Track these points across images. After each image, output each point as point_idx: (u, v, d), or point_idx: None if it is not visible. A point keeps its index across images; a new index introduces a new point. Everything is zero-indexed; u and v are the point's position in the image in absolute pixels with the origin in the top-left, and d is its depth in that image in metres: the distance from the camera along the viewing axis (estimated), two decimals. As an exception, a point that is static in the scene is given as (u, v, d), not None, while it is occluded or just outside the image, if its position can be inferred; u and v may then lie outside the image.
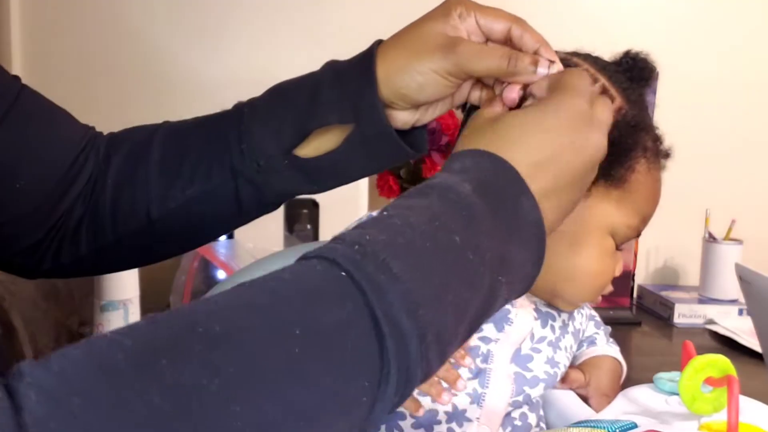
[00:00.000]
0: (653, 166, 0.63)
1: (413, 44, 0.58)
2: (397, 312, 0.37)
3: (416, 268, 0.39)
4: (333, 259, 0.38)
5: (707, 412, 0.53)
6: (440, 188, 0.44)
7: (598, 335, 0.78)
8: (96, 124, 0.77)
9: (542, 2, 1.67)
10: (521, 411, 0.66)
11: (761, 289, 0.89)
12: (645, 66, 0.65)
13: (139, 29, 1.63)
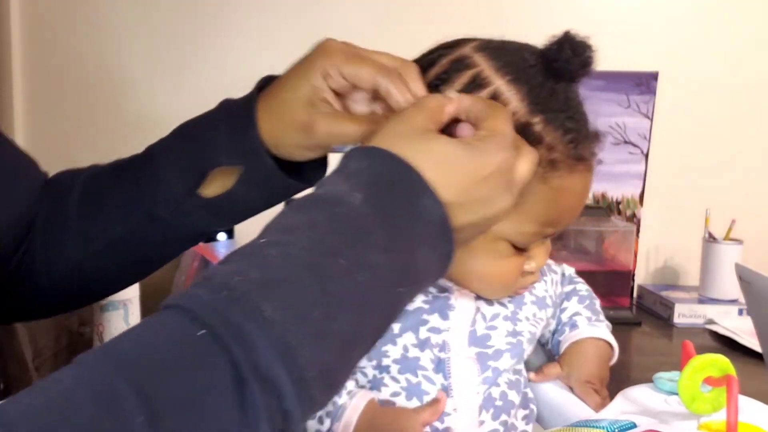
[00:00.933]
0: (550, 174, 0.58)
1: (279, 114, 0.58)
2: (269, 362, 0.36)
3: (293, 306, 0.38)
4: (193, 312, 0.36)
5: (707, 411, 0.53)
6: (328, 202, 0.43)
7: (579, 316, 0.75)
8: (94, 119, 0.77)
9: (542, 3, 1.67)
10: (500, 390, 0.66)
11: (761, 289, 0.89)
12: (572, 58, 0.57)
13: (139, 28, 1.63)
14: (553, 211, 0.60)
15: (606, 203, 1.71)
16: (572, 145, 0.58)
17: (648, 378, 0.61)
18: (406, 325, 0.64)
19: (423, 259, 0.44)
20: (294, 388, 0.36)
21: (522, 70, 0.58)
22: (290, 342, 0.36)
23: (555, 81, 0.58)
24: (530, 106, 0.57)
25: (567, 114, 0.58)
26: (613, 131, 1.70)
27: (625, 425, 0.50)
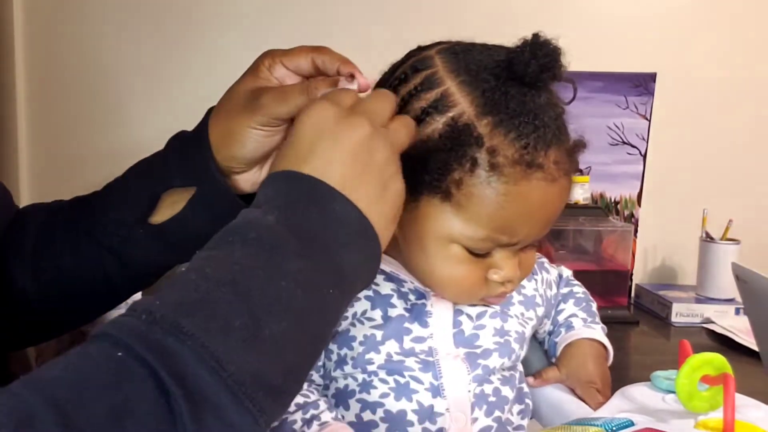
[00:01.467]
0: (494, 178, 0.56)
1: (227, 107, 0.62)
2: (193, 370, 0.36)
3: (214, 319, 0.38)
4: (114, 337, 0.37)
5: (704, 410, 0.54)
6: (241, 229, 0.44)
7: (575, 318, 0.75)
8: (94, 119, 0.77)
9: (542, 3, 1.68)
10: (493, 386, 0.66)
11: (758, 288, 0.89)
12: (530, 62, 0.56)
13: (139, 29, 1.63)
14: (503, 217, 0.57)
15: (604, 203, 1.72)
16: (525, 150, 0.55)
17: (646, 377, 0.62)
18: (387, 333, 0.64)
19: (349, 260, 0.46)
20: (233, 399, 0.37)
21: (478, 72, 0.57)
22: (215, 351, 0.37)
23: (516, 85, 0.56)
24: (479, 108, 0.56)
25: (522, 119, 0.56)
26: (611, 132, 1.70)
27: (623, 423, 0.51)
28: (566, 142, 0.59)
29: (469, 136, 0.55)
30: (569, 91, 0.62)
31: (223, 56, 1.64)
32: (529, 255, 0.63)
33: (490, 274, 0.61)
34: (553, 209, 0.59)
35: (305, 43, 0.63)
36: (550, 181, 0.57)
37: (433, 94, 0.57)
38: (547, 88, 0.58)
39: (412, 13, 1.62)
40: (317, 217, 0.46)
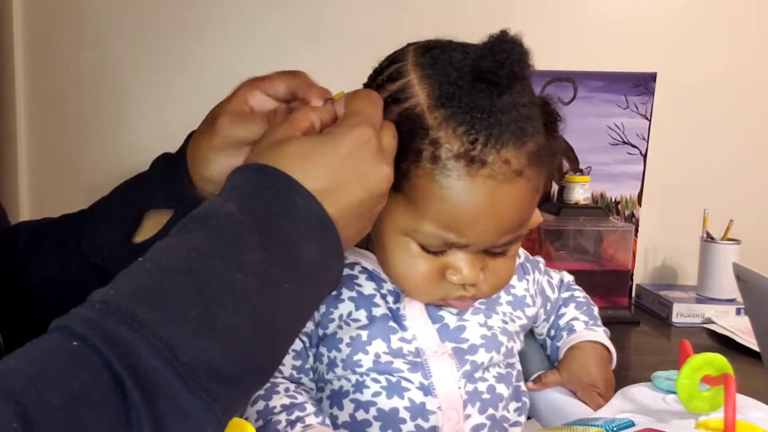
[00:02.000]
0: (438, 172, 0.55)
1: (198, 131, 0.65)
2: (146, 360, 0.36)
3: (169, 308, 0.39)
4: (69, 328, 0.37)
5: (704, 410, 0.54)
6: (202, 218, 0.45)
7: (576, 321, 0.75)
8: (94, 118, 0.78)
9: (542, 3, 1.68)
10: (488, 384, 0.66)
11: (759, 289, 0.89)
12: (484, 58, 0.55)
13: (139, 28, 1.63)
14: (447, 213, 0.56)
15: (605, 203, 1.72)
16: (471, 146, 0.54)
17: (646, 377, 0.62)
18: (373, 333, 0.64)
19: (309, 254, 0.46)
20: (186, 387, 0.37)
21: (441, 66, 0.57)
22: (168, 340, 0.37)
23: (477, 82, 0.55)
24: (433, 101, 0.55)
25: (475, 114, 0.54)
26: (611, 132, 1.70)
27: (624, 424, 0.51)
28: (528, 144, 0.56)
29: (418, 126, 0.55)
30: (569, 90, 0.61)
31: (225, 58, 1.64)
32: (500, 263, 0.61)
33: (448, 274, 0.60)
34: (508, 213, 0.57)
35: (302, 42, 0.63)
36: (500, 181, 0.55)
37: (396, 85, 0.58)
38: (512, 88, 0.56)
39: (411, 12, 1.62)
40: (279, 209, 0.46)
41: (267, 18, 1.64)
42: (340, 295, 0.66)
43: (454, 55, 0.58)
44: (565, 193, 1.65)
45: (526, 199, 0.57)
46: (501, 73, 0.54)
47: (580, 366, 0.71)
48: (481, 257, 0.60)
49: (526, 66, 0.56)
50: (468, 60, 0.56)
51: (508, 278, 0.65)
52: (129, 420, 0.35)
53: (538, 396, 0.72)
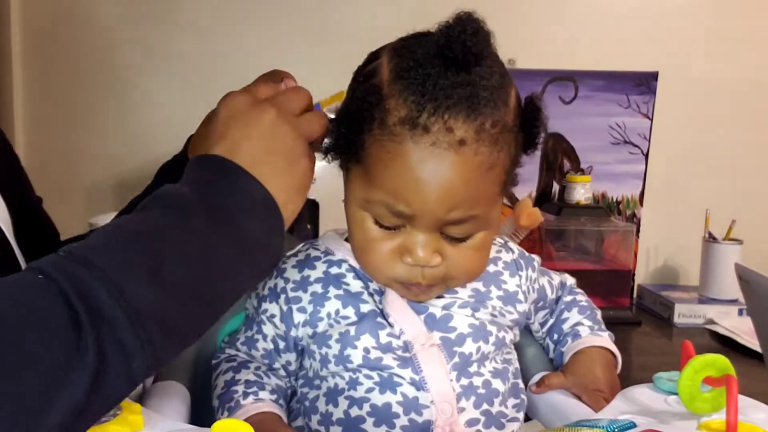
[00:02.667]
0: (386, 137, 0.57)
1: (197, 138, 0.71)
2: (96, 293, 0.43)
3: (122, 260, 0.46)
4: (38, 268, 0.44)
5: (706, 411, 0.54)
6: (159, 198, 0.52)
7: (581, 326, 0.74)
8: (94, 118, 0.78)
9: (542, 3, 1.68)
10: (483, 379, 0.65)
11: (761, 289, 0.89)
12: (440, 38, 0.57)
13: (138, 28, 1.63)
14: (392, 179, 0.57)
15: (606, 203, 1.71)
16: (416, 113, 0.56)
17: (648, 378, 0.62)
18: (361, 329, 0.64)
19: (251, 228, 0.53)
20: (127, 321, 0.43)
21: (409, 47, 0.59)
22: (119, 282, 0.44)
23: (437, 59, 0.57)
24: (393, 74, 0.58)
25: (427, 86, 0.56)
26: (612, 131, 1.70)
27: (625, 425, 0.50)
28: (479, 119, 0.57)
29: (376, 97, 0.58)
30: (571, 89, 0.62)
31: (224, 58, 1.64)
32: (461, 251, 0.61)
33: (402, 255, 0.61)
34: (452, 184, 0.57)
35: (304, 42, 0.63)
36: (442, 149, 0.56)
37: (370, 66, 0.61)
38: (470, 66, 0.57)
39: (412, 12, 1.62)
40: (224, 190, 0.53)
41: (268, 17, 1.64)
42: (327, 293, 0.67)
43: (427, 38, 0.59)
44: (566, 193, 1.64)
45: (473, 173, 0.57)
46: (456, 48, 0.56)
47: (586, 371, 0.70)
48: (438, 240, 0.60)
49: (484, 45, 0.57)
50: (436, 40, 0.58)
51: (474, 270, 0.64)
52: (78, 341, 0.41)
53: (539, 397, 0.71)
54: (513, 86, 0.62)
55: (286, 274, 0.69)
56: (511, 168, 0.61)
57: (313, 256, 0.70)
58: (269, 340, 0.68)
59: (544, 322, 0.76)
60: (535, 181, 1.71)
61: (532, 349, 0.78)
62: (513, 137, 0.59)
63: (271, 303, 0.68)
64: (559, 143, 1.70)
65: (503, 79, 0.60)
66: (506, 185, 0.62)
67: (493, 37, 0.59)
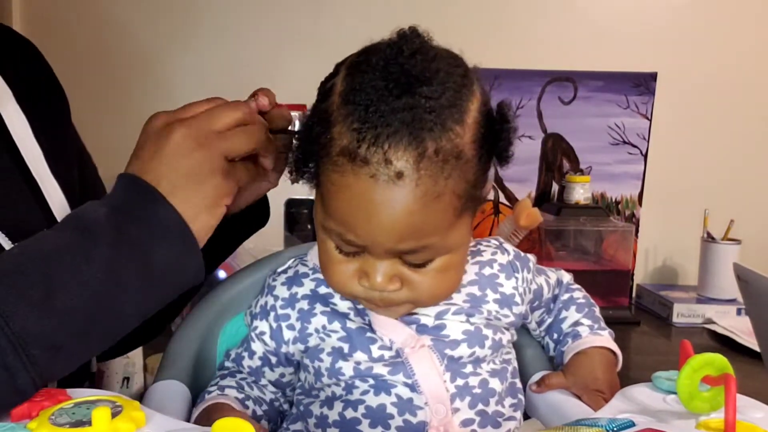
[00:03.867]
0: (329, 167, 0.56)
1: None
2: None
3: (14, 287, 0.49)
4: None
5: (705, 410, 0.54)
6: (73, 219, 0.54)
7: (581, 326, 0.73)
8: (94, 121, 0.79)
9: (542, 3, 1.68)
10: (480, 378, 0.65)
11: (759, 289, 0.89)
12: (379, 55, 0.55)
13: (137, 28, 1.63)
14: (340, 210, 0.56)
15: (605, 203, 1.72)
16: (357, 143, 0.54)
17: (647, 377, 0.62)
18: (354, 344, 0.64)
19: (160, 255, 0.55)
20: (11, 348, 0.47)
21: (359, 65, 0.57)
22: (4, 312, 0.48)
23: (382, 80, 0.54)
24: (342, 98, 0.56)
25: (371, 112, 0.53)
26: (611, 132, 1.70)
27: (624, 424, 0.50)
28: (420, 148, 0.53)
29: (326, 122, 0.56)
30: (570, 90, 0.61)
31: (224, 57, 1.64)
32: (422, 276, 0.59)
33: (360, 278, 0.60)
34: (397, 217, 0.55)
35: (300, 43, 0.63)
36: (382, 181, 0.54)
37: (330, 82, 0.59)
38: (413, 88, 0.54)
39: (410, 14, 1.62)
40: (138, 214, 0.55)
41: (266, 18, 1.64)
42: (313, 309, 0.67)
43: (376, 54, 0.56)
44: (566, 193, 1.65)
45: (416, 205, 0.54)
46: (395, 72, 0.54)
47: (587, 372, 0.70)
48: (397, 266, 0.59)
49: (426, 65, 0.55)
50: (383, 54, 0.56)
51: (440, 293, 0.62)
52: None
53: (538, 396, 0.72)
54: (475, 98, 0.58)
55: (275, 291, 0.69)
56: (469, 190, 0.57)
57: (302, 273, 0.69)
58: (256, 357, 0.69)
59: (542, 320, 0.76)
60: (534, 181, 1.72)
61: (531, 349, 0.78)
62: (467, 159, 0.56)
63: (261, 321, 0.68)
64: (558, 143, 1.70)
65: (458, 94, 0.56)
66: (465, 208, 0.58)
67: (440, 56, 0.56)
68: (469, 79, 0.58)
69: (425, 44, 0.56)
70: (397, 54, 0.55)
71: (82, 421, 0.47)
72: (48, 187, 0.70)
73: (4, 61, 0.72)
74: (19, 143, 0.69)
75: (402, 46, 0.55)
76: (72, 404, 0.50)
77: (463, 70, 0.58)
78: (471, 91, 0.57)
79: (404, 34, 0.57)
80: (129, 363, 1.18)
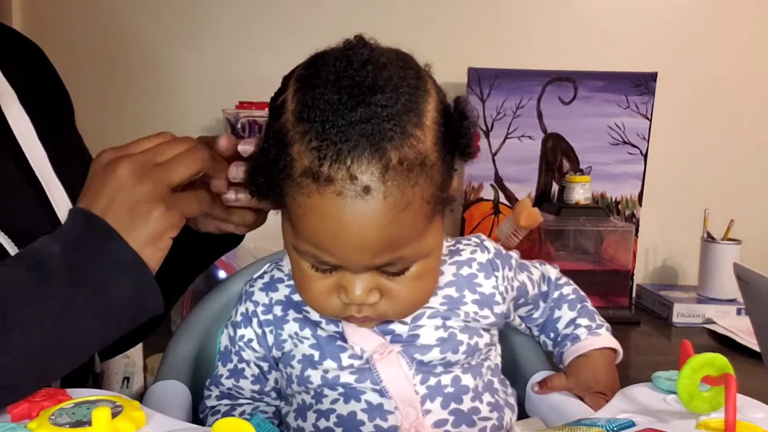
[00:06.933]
0: (293, 189, 0.54)
1: None
2: None
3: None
4: None
5: (705, 410, 0.54)
6: (29, 254, 0.54)
7: (579, 328, 0.72)
8: (94, 122, 0.79)
9: (542, 3, 1.68)
10: (452, 375, 0.64)
11: (759, 289, 0.89)
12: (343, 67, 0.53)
13: (137, 29, 1.63)
14: (311, 232, 0.55)
15: (605, 203, 1.72)
16: (320, 162, 0.52)
17: (647, 377, 0.62)
18: (324, 353, 0.64)
19: (119, 294, 0.55)
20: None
21: (309, 79, 0.55)
22: None
23: (334, 93, 0.53)
24: (296, 115, 0.54)
25: (328, 128, 0.52)
26: (611, 132, 1.70)
27: (624, 424, 0.50)
28: (383, 159, 0.52)
29: (283, 142, 0.54)
30: (570, 90, 0.60)
31: (223, 58, 1.64)
32: (400, 284, 0.59)
33: (339, 293, 0.59)
34: (368, 233, 0.53)
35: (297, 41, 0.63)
36: (349, 198, 0.52)
37: (280, 98, 0.57)
38: (366, 98, 0.52)
39: (409, 13, 1.62)
40: (91, 251, 0.55)
41: (268, 20, 1.64)
42: (286, 315, 0.66)
43: (327, 66, 0.54)
44: (566, 193, 1.65)
45: (386, 218, 0.53)
46: (347, 85, 0.52)
47: (589, 374, 0.70)
48: (374, 277, 0.58)
49: (379, 73, 0.53)
50: (333, 67, 0.54)
51: (417, 300, 0.62)
52: None
53: (538, 396, 0.72)
54: (431, 97, 0.56)
55: (254, 297, 0.68)
56: (437, 192, 0.56)
57: (277, 278, 0.69)
58: (253, 365, 0.68)
59: (529, 316, 0.75)
60: (534, 181, 1.72)
61: (527, 349, 0.78)
62: (432, 163, 0.55)
63: (246, 328, 0.68)
64: (558, 143, 1.70)
65: (412, 97, 0.54)
66: (435, 212, 0.57)
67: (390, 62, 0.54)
68: (423, 80, 0.56)
69: (373, 53, 0.54)
70: (347, 66, 0.53)
71: (82, 421, 0.47)
72: (53, 190, 0.70)
73: (9, 63, 0.72)
74: (24, 146, 0.69)
75: (351, 57, 0.53)
76: (72, 404, 0.50)
77: (415, 72, 0.56)
78: (426, 91, 0.56)
79: (351, 45, 0.54)
80: (129, 363, 1.18)
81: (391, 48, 0.57)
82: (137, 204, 0.57)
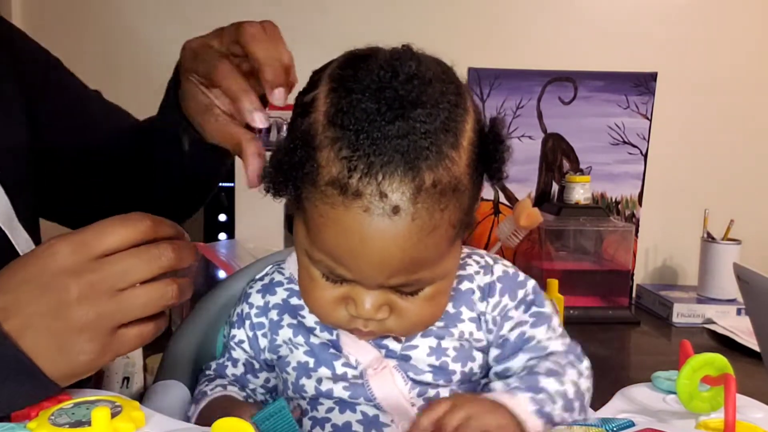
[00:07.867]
0: (317, 198, 0.51)
1: None
2: None
3: None
4: None
5: (705, 410, 0.54)
6: None
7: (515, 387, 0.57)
8: None
9: (542, 3, 1.68)
10: (449, 388, 0.62)
11: (759, 289, 0.89)
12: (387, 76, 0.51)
13: (138, 28, 1.63)
14: (328, 243, 0.52)
15: (605, 203, 1.72)
16: (348, 173, 0.49)
17: (646, 377, 0.62)
18: (318, 360, 0.63)
19: (8, 394, 0.49)
20: None
21: (346, 80, 0.52)
22: None
23: (373, 102, 0.50)
24: (329, 118, 0.51)
25: (362, 138, 0.49)
26: (611, 132, 1.70)
27: (623, 424, 0.50)
28: (417, 180, 0.49)
29: (310, 144, 0.51)
30: (570, 90, 0.59)
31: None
32: (411, 304, 0.56)
33: (347, 304, 0.56)
34: (390, 253, 0.51)
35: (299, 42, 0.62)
36: (376, 216, 0.50)
37: (309, 95, 0.54)
38: (407, 112, 0.50)
39: (410, 13, 1.62)
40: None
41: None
42: (281, 321, 0.65)
43: (368, 68, 0.52)
44: (566, 193, 1.65)
45: (411, 240, 0.51)
46: (389, 96, 0.50)
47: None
48: (386, 294, 0.55)
49: (423, 88, 0.51)
50: (376, 75, 0.51)
51: (425, 320, 0.59)
52: None
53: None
54: (469, 116, 0.54)
55: (251, 299, 0.67)
56: (463, 219, 0.54)
57: (276, 281, 0.68)
58: (240, 364, 0.67)
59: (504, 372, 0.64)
60: (534, 181, 1.72)
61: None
62: (464, 188, 0.52)
63: (239, 329, 0.67)
64: (558, 143, 1.70)
65: (451, 114, 0.52)
66: (458, 236, 0.55)
67: (436, 77, 0.52)
68: (462, 97, 0.54)
69: (420, 66, 0.52)
70: (392, 77, 0.50)
71: (81, 421, 0.47)
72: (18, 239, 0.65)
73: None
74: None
75: (397, 68, 0.51)
76: (72, 404, 0.50)
77: (456, 87, 0.54)
78: (465, 109, 0.54)
79: (399, 55, 0.52)
80: (129, 363, 1.18)
81: (435, 59, 0.55)
82: (68, 335, 0.49)
